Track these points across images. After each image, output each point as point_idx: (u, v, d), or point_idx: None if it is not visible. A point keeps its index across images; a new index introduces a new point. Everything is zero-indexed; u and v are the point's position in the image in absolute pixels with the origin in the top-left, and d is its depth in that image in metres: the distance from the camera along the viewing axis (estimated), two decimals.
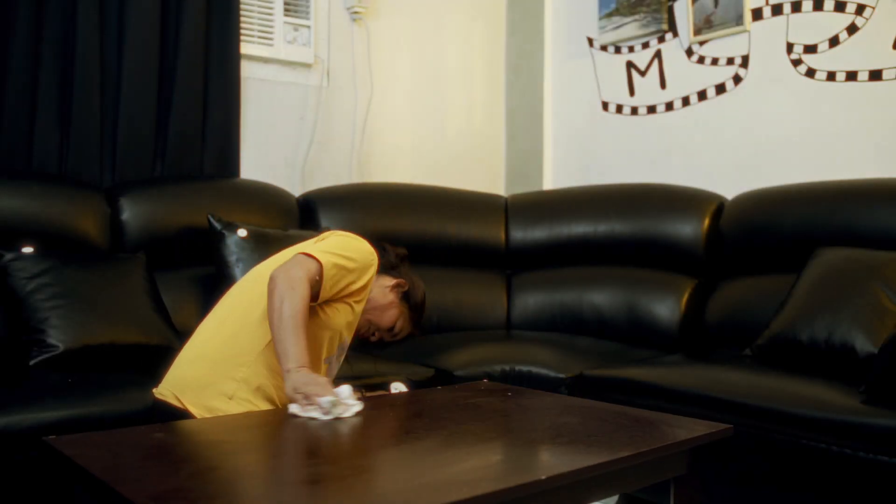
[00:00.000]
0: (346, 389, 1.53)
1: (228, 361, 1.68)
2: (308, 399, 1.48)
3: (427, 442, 1.36)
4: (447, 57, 3.82)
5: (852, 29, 2.78)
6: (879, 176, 2.60)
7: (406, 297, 1.95)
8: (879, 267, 2.23)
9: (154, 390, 1.74)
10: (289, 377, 1.53)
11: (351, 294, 1.78)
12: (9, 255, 2.28)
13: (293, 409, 1.49)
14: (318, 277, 1.66)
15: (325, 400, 1.47)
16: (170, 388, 1.70)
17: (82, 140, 2.71)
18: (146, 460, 1.25)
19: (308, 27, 3.36)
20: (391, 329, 1.93)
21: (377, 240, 1.96)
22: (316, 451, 1.36)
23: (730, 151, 3.16)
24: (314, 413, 1.46)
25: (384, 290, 1.90)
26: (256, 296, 1.74)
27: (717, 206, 2.91)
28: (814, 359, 2.20)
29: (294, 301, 1.58)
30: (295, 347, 1.55)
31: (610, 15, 3.53)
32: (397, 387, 1.98)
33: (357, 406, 1.51)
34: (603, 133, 3.63)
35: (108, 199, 2.63)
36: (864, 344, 2.10)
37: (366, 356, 2.27)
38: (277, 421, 1.53)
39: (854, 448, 1.80)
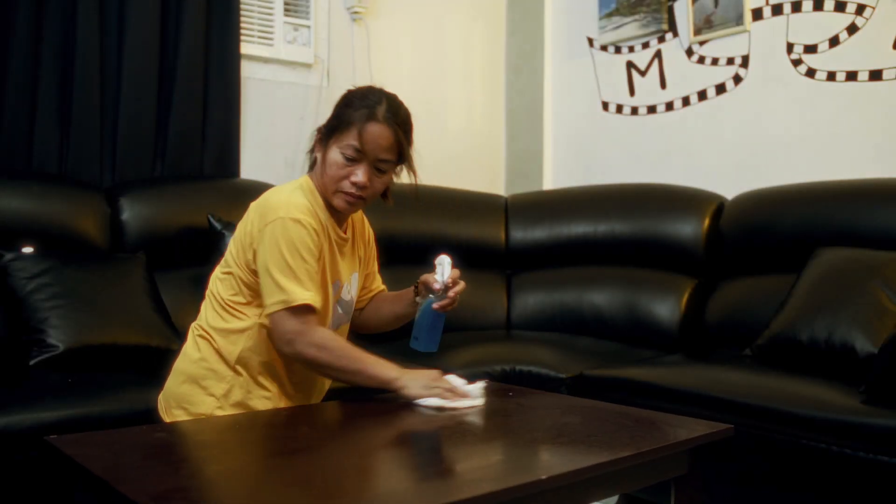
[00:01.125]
0: (456, 378, 1.60)
1: (207, 378, 1.64)
2: (453, 391, 1.54)
3: (427, 442, 1.36)
4: (447, 57, 3.82)
5: (852, 29, 2.78)
6: (879, 176, 2.60)
7: (325, 130, 1.66)
8: (879, 267, 2.23)
9: (160, 396, 1.74)
10: (406, 385, 1.55)
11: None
12: (9, 255, 2.28)
13: (435, 402, 1.53)
14: (306, 312, 1.55)
15: (476, 387, 1.57)
16: (164, 400, 1.71)
17: (82, 140, 2.71)
18: (146, 460, 1.25)
19: (308, 27, 3.36)
20: (344, 168, 1.62)
21: (379, 240, 1.96)
22: (316, 451, 1.36)
23: (730, 151, 3.16)
24: (462, 402, 1.53)
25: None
26: (213, 306, 1.70)
27: (717, 206, 2.91)
28: (814, 359, 2.20)
29: (325, 353, 1.56)
30: (376, 366, 1.57)
31: (610, 15, 3.53)
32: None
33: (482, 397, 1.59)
34: (603, 133, 3.63)
35: (108, 199, 2.63)
36: (864, 344, 2.10)
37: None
38: (277, 421, 1.53)
39: (854, 448, 1.80)
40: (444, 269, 1.75)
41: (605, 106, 3.62)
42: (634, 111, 3.50)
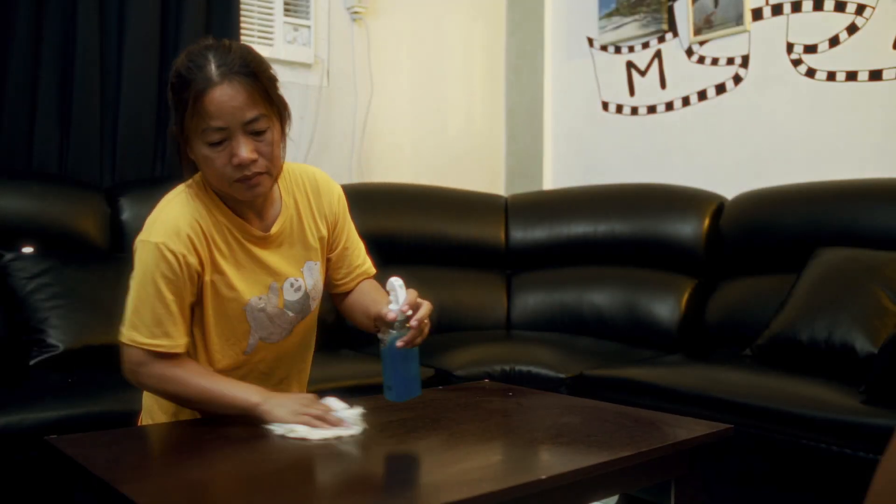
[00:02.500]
0: (335, 401, 1.36)
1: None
2: (324, 419, 1.31)
3: (427, 442, 1.36)
4: (447, 57, 3.82)
5: (852, 29, 2.78)
6: (879, 176, 2.60)
7: (177, 129, 1.38)
8: (879, 267, 2.23)
9: None
10: (269, 410, 1.33)
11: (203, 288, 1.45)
12: (9, 255, 2.28)
13: (300, 430, 1.30)
14: (145, 348, 1.38)
15: (353, 413, 1.32)
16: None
17: (82, 140, 2.71)
18: (146, 460, 1.25)
19: (308, 27, 3.36)
20: (219, 157, 1.35)
21: (377, 241, 1.91)
22: (317, 451, 1.36)
23: (730, 151, 3.16)
24: (331, 431, 1.30)
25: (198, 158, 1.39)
26: None
27: (717, 206, 2.91)
28: (814, 359, 2.20)
29: (171, 384, 1.39)
30: (234, 389, 1.37)
31: (610, 15, 3.53)
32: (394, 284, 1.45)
33: (359, 425, 1.35)
34: (603, 133, 3.62)
35: (108, 199, 2.63)
36: (864, 344, 2.10)
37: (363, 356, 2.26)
38: None
39: (854, 448, 1.80)
40: (396, 294, 1.42)
41: (605, 106, 3.62)
42: (634, 111, 3.50)
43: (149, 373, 1.39)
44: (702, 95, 3.24)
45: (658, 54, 3.39)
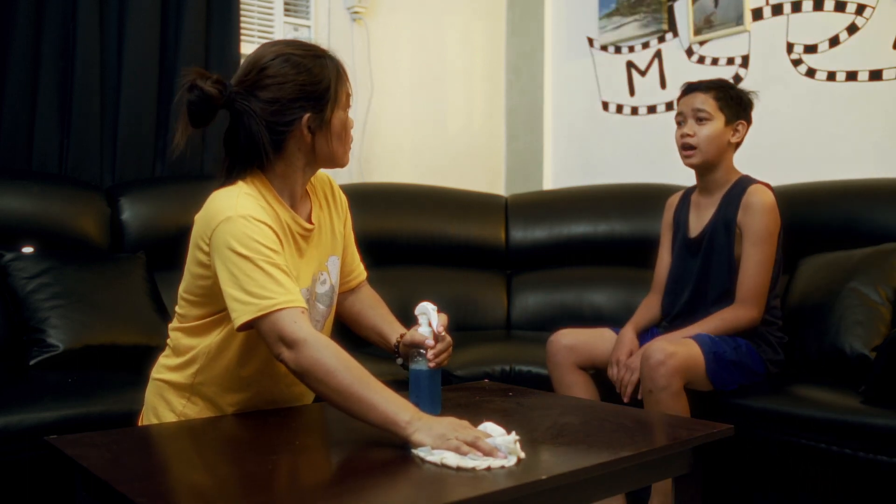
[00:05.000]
0: (492, 426, 1.25)
1: (168, 391, 1.56)
2: (474, 445, 1.19)
3: None
4: (447, 57, 3.82)
5: (852, 29, 2.78)
6: (879, 176, 2.60)
7: (315, 111, 1.49)
8: (853, 268, 2.27)
9: None
10: (416, 432, 1.23)
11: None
12: (9, 255, 2.28)
13: (449, 458, 1.18)
14: (300, 314, 1.34)
15: (507, 440, 1.20)
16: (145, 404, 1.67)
17: (82, 140, 2.71)
18: (146, 460, 1.25)
19: (308, 27, 3.36)
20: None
21: (377, 240, 1.91)
22: (316, 451, 1.36)
23: None
24: (478, 461, 1.17)
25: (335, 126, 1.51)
26: (173, 323, 1.61)
27: None
28: (813, 359, 2.20)
29: (327, 373, 1.29)
30: (387, 400, 1.27)
31: (610, 15, 3.53)
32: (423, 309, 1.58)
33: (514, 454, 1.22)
34: (603, 133, 3.62)
35: (108, 199, 2.63)
36: (853, 346, 2.10)
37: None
38: (277, 421, 1.53)
39: (854, 448, 1.80)
40: (430, 317, 1.54)
41: (605, 106, 3.62)
42: (634, 111, 3.50)
43: (305, 350, 1.31)
44: None
45: (658, 54, 3.39)
